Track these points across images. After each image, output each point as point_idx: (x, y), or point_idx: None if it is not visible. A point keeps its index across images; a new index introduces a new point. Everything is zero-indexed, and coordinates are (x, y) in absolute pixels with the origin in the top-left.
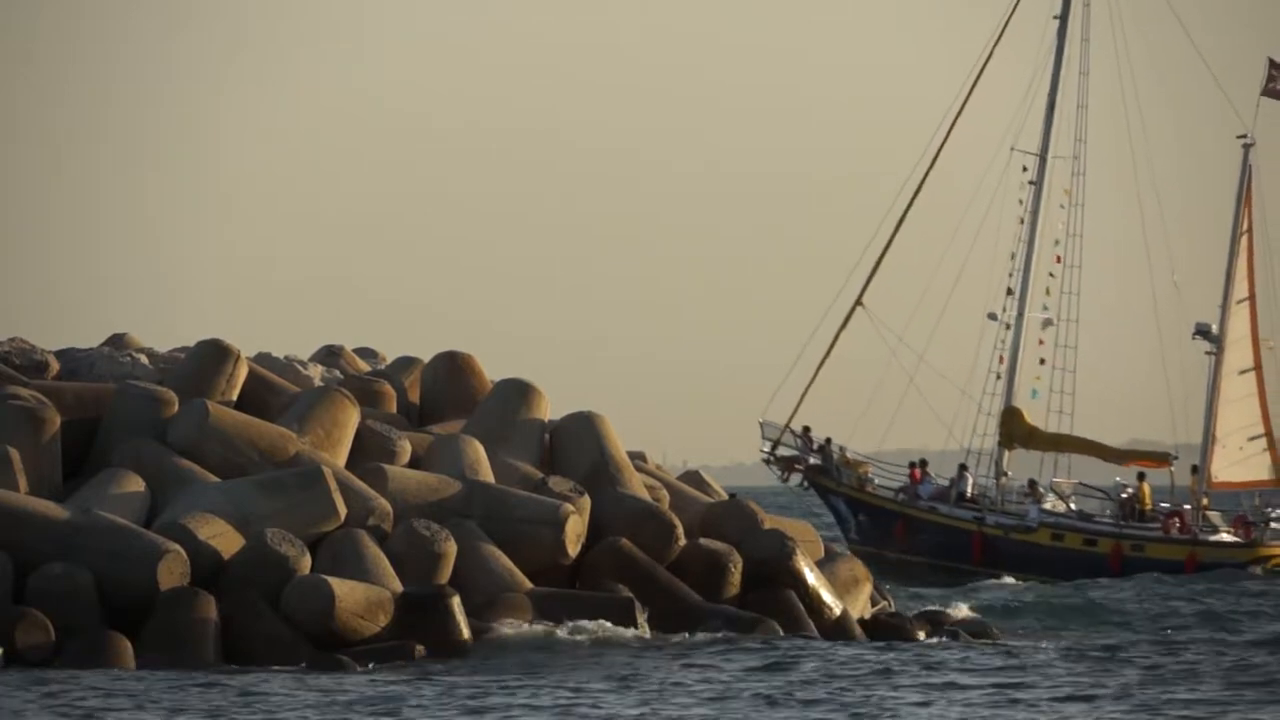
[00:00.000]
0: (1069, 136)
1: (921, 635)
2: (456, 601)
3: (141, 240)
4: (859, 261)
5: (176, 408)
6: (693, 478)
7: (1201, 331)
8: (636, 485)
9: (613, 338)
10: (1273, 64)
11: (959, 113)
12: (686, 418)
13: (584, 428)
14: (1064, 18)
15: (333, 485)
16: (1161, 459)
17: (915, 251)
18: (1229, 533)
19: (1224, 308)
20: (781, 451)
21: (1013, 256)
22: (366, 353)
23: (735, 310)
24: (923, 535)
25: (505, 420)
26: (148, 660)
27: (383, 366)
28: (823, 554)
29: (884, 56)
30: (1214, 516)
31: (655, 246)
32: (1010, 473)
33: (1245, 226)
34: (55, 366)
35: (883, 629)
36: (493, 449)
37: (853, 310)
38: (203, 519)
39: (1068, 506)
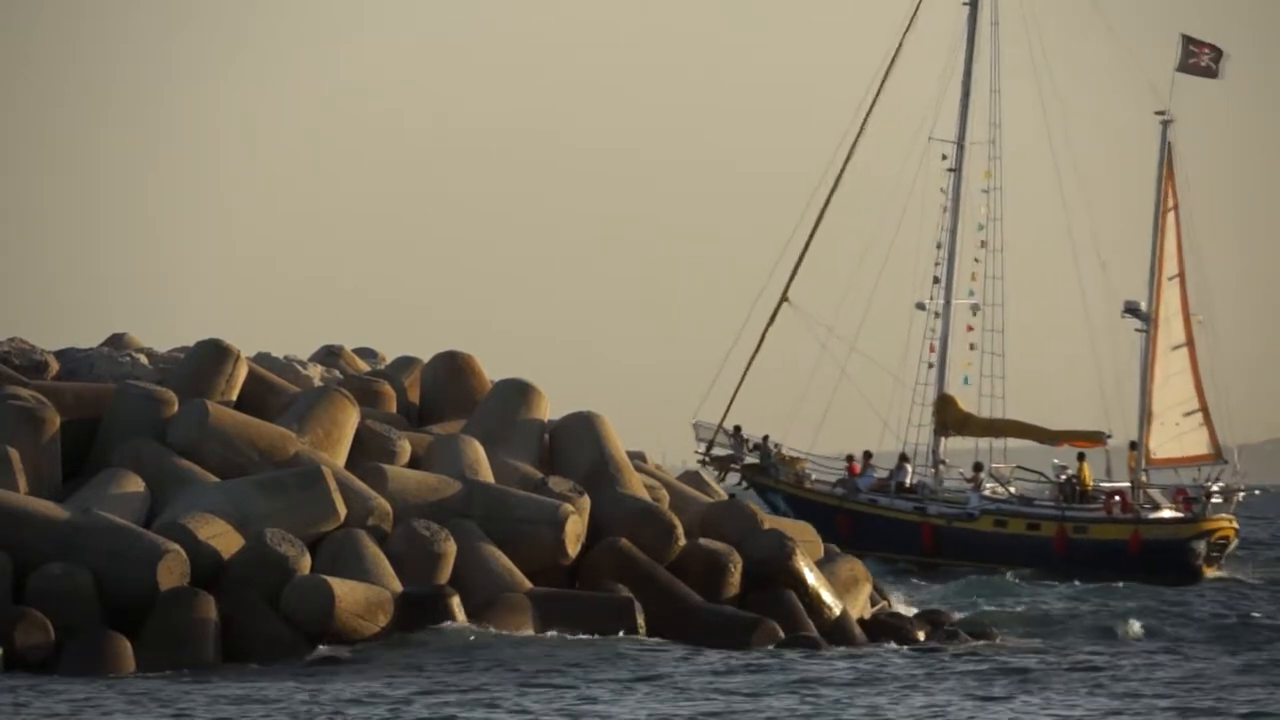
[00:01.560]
0: (985, 122)
1: (921, 636)
2: (456, 601)
3: (141, 240)
4: (781, 257)
5: (176, 408)
6: (692, 478)
7: (1131, 310)
8: (636, 485)
9: (613, 337)
10: (1187, 39)
11: (873, 104)
12: (686, 418)
13: (584, 428)
14: (973, 4)
15: (332, 485)
16: (1096, 438)
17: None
18: (1171, 509)
19: (1153, 285)
20: (717, 452)
21: (939, 246)
22: (366, 353)
23: (732, 309)
24: (869, 529)
25: (505, 420)
26: (148, 660)
27: (383, 366)
28: (822, 554)
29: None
30: (1155, 494)
31: (653, 245)
32: (947, 460)
33: (1170, 203)
34: (55, 366)
35: (883, 629)
36: (492, 449)
37: (779, 306)
38: (203, 519)
39: (1008, 492)
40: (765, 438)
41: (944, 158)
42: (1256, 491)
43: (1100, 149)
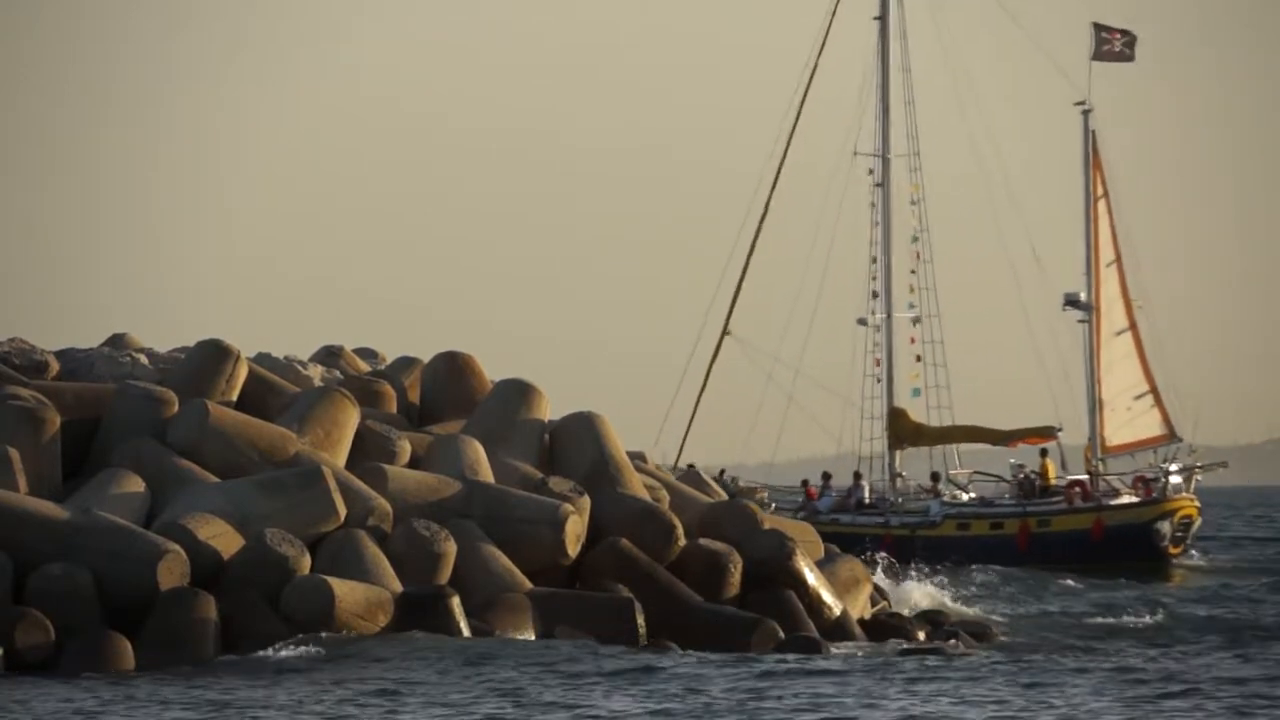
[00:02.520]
0: (904, 133)
1: (921, 636)
2: (456, 602)
3: (141, 240)
4: (719, 287)
5: (176, 408)
6: (692, 478)
7: (1071, 301)
8: (636, 485)
9: (612, 338)
10: (1099, 27)
11: (794, 125)
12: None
13: (584, 428)
14: (883, 18)
15: (333, 485)
16: (1047, 433)
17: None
18: (1131, 495)
19: (1090, 274)
20: None
21: (874, 260)
22: (366, 353)
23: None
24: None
25: (505, 420)
26: (148, 660)
27: (383, 366)
28: (822, 554)
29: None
30: (1114, 480)
31: (654, 246)
32: (905, 473)
33: (1100, 191)
34: (55, 366)
35: (882, 629)
36: (492, 449)
37: (721, 340)
38: (203, 519)
39: (968, 495)
40: (721, 471)
41: (870, 172)
42: (1219, 468)
43: (1023, 147)
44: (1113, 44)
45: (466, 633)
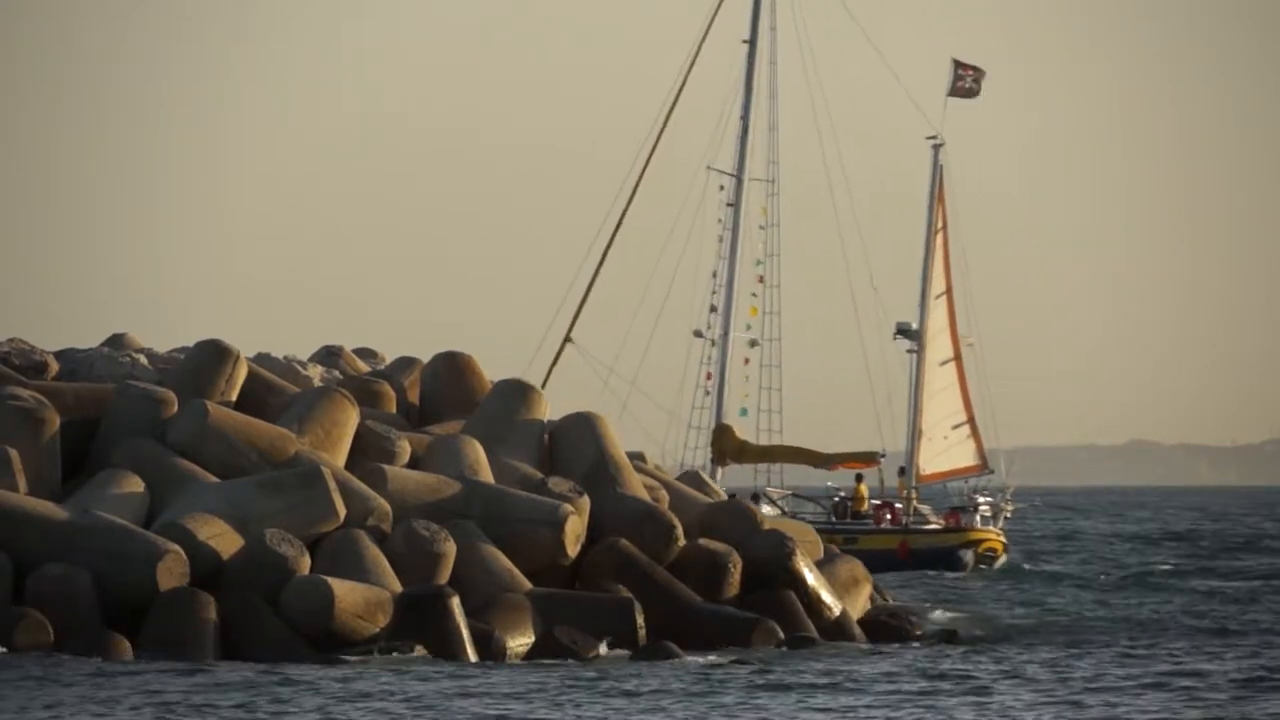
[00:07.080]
0: (764, 158)
1: (919, 635)
2: (456, 602)
3: (141, 240)
4: (567, 294)
5: (176, 408)
6: (692, 478)
7: (902, 331)
8: (636, 485)
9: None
10: (957, 64)
11: (655, 142)
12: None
13: (584, 428)
14: (752, 42)
15: (332, 485)
16: (869, 458)
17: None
18: (939, 521)
19: (923, 305)
20: None
21: (715, 275)
22: (366, 353)
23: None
24: None
25: (504, 421)
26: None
27: (382, 367)
28: (822, 554)
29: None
30: (925, 509)
31: (652, 247)
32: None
33: (939, 224)
34: (55, 366)
35: (881, 629)
36: (492, 449)
37: (562, 347)
38: (202, 519)
39: (781, 513)
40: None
41: (721, 188)
42: (1033, 504)
43: (875, 178)
44: (965, 80)
45: (466, 633)
